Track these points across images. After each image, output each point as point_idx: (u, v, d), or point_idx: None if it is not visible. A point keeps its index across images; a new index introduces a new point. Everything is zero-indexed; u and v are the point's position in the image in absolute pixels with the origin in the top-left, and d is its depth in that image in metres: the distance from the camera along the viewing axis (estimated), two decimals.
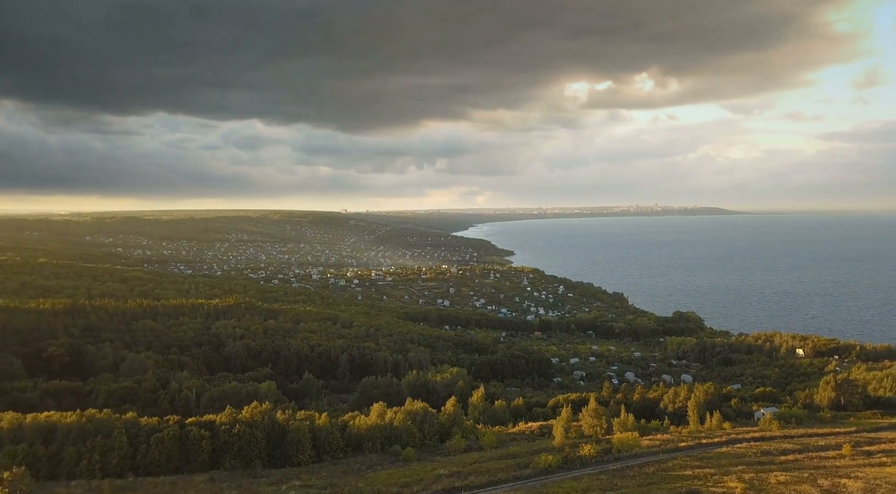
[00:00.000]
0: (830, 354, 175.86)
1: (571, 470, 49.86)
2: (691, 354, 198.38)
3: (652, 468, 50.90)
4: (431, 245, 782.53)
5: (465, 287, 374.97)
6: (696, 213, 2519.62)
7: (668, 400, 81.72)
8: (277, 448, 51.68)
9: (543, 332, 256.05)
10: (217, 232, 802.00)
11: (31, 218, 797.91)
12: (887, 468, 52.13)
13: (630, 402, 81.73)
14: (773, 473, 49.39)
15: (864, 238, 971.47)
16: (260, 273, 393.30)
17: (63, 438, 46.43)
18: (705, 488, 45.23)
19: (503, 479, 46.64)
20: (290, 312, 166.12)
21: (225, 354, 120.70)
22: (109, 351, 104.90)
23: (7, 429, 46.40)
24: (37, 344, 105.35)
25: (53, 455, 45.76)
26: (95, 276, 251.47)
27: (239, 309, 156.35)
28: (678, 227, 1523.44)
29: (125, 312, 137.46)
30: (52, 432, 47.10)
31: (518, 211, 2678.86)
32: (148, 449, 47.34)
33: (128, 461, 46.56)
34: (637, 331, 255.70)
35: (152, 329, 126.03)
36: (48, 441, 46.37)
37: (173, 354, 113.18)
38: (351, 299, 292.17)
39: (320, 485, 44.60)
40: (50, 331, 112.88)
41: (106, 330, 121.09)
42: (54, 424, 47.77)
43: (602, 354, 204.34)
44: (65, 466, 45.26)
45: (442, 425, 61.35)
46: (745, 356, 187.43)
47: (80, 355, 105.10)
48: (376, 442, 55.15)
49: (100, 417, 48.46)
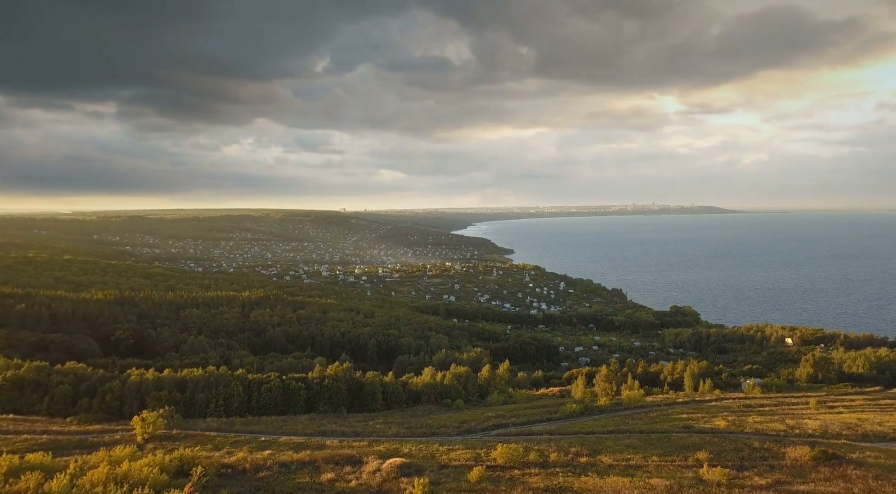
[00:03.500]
0: (817, 342, 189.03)
1: (591, 415, 62.65)
2: (688, 343, 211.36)
3: (655, 413, 63.77)
4: (433, 244, 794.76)
5: (469, 284, 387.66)
6: (693, 212, 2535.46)
7: (667, 372, 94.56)
8: (356, 398, 64.16)
9: (547, 325, 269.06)
10: (221, 231, 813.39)
11: (39, 217, 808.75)
12: (842, 415, 65.19)
13: (635, 374, 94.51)
14: (751, 416, 62.35)
15: (861, 236, 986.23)
16: (271, 270, 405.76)
17: (193, 387, 58.73)
18: (697, 424, 58.09)
19: (538, 419, 59.34)
20: (315, 304, 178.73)
21: (266, 339, 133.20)
22: (169, 335, 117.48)
23: (152, 381, 58.74)
24: (104, 329, 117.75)
25: (187, 400, 58.13)
26: (120, 272, 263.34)
27: (269, 301, 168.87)
28: (675, 226, 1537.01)
29: (170, 302, 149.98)
30: (184, 383, 59.39)
31: (515, 209, 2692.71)
32: (259, 396, 59.69)
33: (244, 405, 58.97)
34: (636, 324, 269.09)
35: (199, 317, 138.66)
36: (182, 390, 58.72)
37: (222, 338, 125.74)
38: (362, 295, 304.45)
39: (397, 422, 57.24)
40: (112, 318, 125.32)
41: (158, 317, 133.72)
42: (185, 377, 60.08)
43: (604, 344, 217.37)
44: (197, 408, 57.63)
45: (480, 386, 73.93)
46: (737, 344, 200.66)
47: (142, 338, 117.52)
48: (431, 396, 67.75)
49: (219, 372, 60.89)
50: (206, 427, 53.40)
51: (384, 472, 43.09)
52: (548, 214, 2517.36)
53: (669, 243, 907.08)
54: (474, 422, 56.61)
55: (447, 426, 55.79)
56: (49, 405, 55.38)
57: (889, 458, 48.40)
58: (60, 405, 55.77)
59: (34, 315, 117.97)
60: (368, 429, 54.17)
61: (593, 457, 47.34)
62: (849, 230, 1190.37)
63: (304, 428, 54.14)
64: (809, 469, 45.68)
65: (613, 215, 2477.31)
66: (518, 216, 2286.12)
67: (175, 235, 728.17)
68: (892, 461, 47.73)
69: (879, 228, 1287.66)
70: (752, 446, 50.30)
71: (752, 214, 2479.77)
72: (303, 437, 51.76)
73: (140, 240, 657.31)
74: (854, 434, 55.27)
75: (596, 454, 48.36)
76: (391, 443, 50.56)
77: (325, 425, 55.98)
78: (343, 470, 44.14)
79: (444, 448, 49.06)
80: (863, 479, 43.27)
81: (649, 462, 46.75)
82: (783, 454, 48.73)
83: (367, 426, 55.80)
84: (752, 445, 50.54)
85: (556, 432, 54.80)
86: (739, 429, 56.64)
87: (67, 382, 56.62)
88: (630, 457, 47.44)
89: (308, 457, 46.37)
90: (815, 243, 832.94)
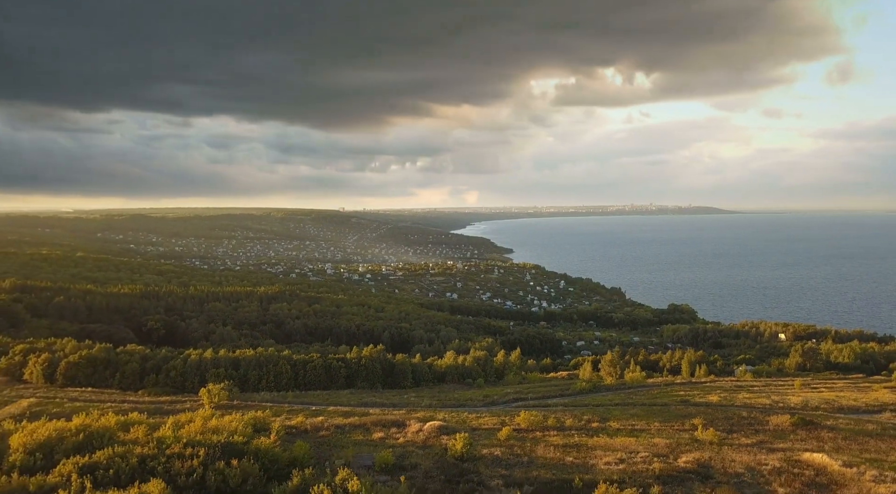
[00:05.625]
0: (808, 338, 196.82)
1: (599, 392, 70.18)
2: (685, 339, 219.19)
3: (656, 391, 71.33)
4: (433, 243, 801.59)
5: (471, 282, 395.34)
6: (691, 212, 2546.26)
7: (665, 360, 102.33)
8: (389, 376, 71.69)
9: (548, 322, 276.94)
10: (223, 229, 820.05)
11: (43, 215, 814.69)
12: (822, 393, 72.82)
13: (636, 361, 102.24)
14: (741, 394, 69.94)
15: (857, 236, 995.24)
16: (277, 268, 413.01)
17: (246, 366, 66.10)
18: (693, 399, 65.63)
19: (552, 394, 66.86)
20: (329, 299, 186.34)
21: (286, 331, 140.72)
22: (197, 325, 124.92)
23: (210, 359, 66.09)
24: (136, 320, 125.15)
25: (241, 376, 65.49)
26: (133, 269, 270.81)
27: (285, 296, 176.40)
28: (673, 225, 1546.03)
29: (193, 296, 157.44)
30: (238, 362, 66.75)
31: (513, 209, 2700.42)
32: (305, 373, 67.07)
33: (292, 381, 66.33)
34: (635, 321, 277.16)
35: (222, 310, 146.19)
36: (236, 368, 66.07)
37: (245, 329, 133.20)
38: (367, 292, 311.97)
39: (428, 396, 64.70)
40: (142, 310, 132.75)
41: (185, 310, 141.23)
42: (238, 357, 67.48)
43: (605, 339, 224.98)
44: (250, 384, 64.99)
45: (497, 368, 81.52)
46: (732, 340, 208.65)
47: (172, 328, 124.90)
48: (454, 376, 75.33)
49: (268, 353, 68.36)
50: (262, 399, 60.70)
51: (426, 431, 50.49)
52: (545, 213, 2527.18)
53: (667, 242, 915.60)
54: (496, 396, 64.07)
55: (473, 400, 63.27)
56: (120, 381, 62.66)
57: (858, 425, 55.96)
58: (130, 380, 63.05)
59: (72, 307, 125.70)
60: (404, 401, 61.59)
61: (603, 423, 54.74)
62: (846, 231, 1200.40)
63: (347, 400, 61.51)
64: (789, 432, 53.16)
65: (611, 215, 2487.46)
66: (516, 216, 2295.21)
67: (178, 233, 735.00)
68: (861, 427, 55.28)
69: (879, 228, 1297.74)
70: (740, 415, 57.85)
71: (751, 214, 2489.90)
72: (348, 407, 59.15)
73: (143, 238, 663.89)
74: (831, 407, 62.84)
75: (605, 421, 55.79)
76: (426, 412, 57.97)
77: (365, 397, 63.40)
78: (390, 431, 51.43)
79: (472, 416, 56.45)
80: (833, 439, 50.71)
81: (652, 427, 54.18)
82: (767, 421, 56.24)
83: (402, 398, 63.23)
84: (741, 415, 58.10)
85: (569, 404, 62.29)
86: (730, 403, 64.17)
87: (135, 360, 63.91)
88: (635, 423, 54.78)
89: (357, 421, 53.70)
90: (812, 243, 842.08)
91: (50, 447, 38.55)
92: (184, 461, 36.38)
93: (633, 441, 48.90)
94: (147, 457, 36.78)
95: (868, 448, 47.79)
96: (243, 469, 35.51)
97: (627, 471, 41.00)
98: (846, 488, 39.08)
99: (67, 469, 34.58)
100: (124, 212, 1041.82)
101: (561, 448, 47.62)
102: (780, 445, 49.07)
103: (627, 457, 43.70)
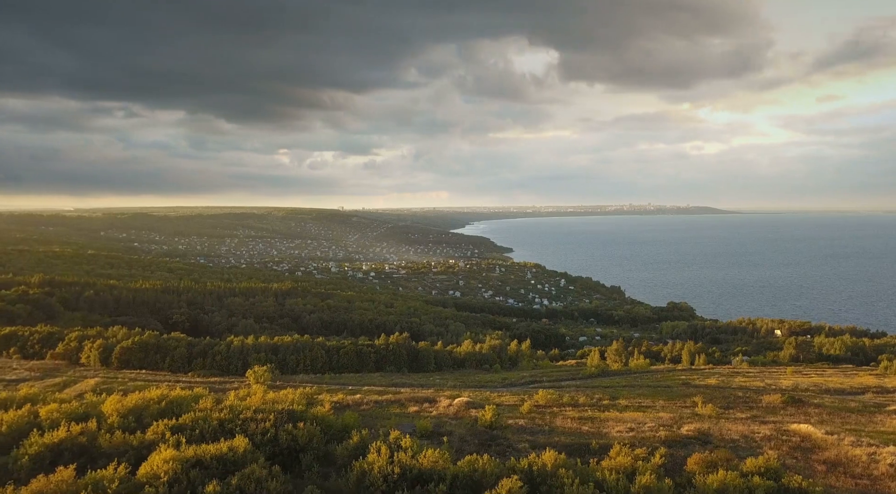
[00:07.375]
0: (803, 333, 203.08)
1: (607, 376, 76.38)
2: (684, 335, 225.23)
3: (660, 376, 77.52)
4: (433, 242, 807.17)
5: (473, 280, 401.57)
6: (689, 212, 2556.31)
7: (667, 351, 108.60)
8: (413, 361, 77.81)
9: (550, 319, 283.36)
10: (225, 228, 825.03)
11: (46, 213, 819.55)
12: (812, 378, 79.07)
13: (640, 350, 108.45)
14: (737, 378, 76.17)
15: (855, 237, 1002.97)
16: (282, 266, 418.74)
17: (284, 351, 72.12)
18: (694, 382, 71.83)
19: (564, 377, 73.00)
20: (340, 295, 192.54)
21: (303, 324, 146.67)
22: (220, 319, 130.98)
23: (251, 345, 72.15)
24: (161, 313, 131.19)
25: (280, 360, 71.50)
26: (144, 266, 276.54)
27: (298, 291, 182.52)
28: (672, 226, 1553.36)
29: (212, 291, 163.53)
30: (277, 348, 72.79)
31: (512, 209, 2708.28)
32: (338, 358, 73.09)
33: (327, 365, 72.36)
34: (635, 318, 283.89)
35: (241, 305, 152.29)
36: (275, 353, 72.12)
37: (265, 323, 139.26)
38: (373, 289, 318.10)
39: (451, 378, 70.83)
40: (167, 304, 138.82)
41: (206, 304, 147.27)
42: (277, 343, 73.51)
43: (606, 335, 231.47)
44: (289, 367, 71.00)
45: (510, 356, 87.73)
46: (730, 335, 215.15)
47: (196, 321, 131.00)
48: (473, 362, 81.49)
49: (303, 340, 74.41)
50: (301, 380, 66.68)
51: (456, 406, 56.55)
52: (544, 213, 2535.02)
53: (666, 242, 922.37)
54: (514, 379, 70.19)
55: (492, 382, 69.40)
56: (170, 364, 68.64)
57: (842, 403, 62.15)
58: (179, 363, 69.02)
59: (101, 301, 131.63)
60: (430, 382, 67.68)
61: (613, 401, 60.84)
62: (844, 231, 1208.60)
63: (378, 381, 67.58)
64: (779, 408, 59.37)
65: (610, 214, 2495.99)
66: (515, 216, 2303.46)
67: (180, 232, 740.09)
68: (844, 405, 61.47)
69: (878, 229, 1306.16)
70: (736, 395, 64.05)
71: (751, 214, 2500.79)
72: (381, 387, 65.19)
73: (146, 237, 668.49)
74: (818, 389, 69.04)
75: (615, 399, 61.92)
76: (452, 391, 64.03)
77: (395, 379, 69.46)
78: (423, 406, 57.45)
79: (494, 395, 62.56)
80: (819, 414, 56.84)
81: (657, 404, 60.32)
82: (760, 399, 62.45)
83: (428, 380, 69.32)
84: (737, 394, 64.33)
85: (581, 386, 68.42)
86: (727, 385, 70.38)
87: (182, 346, 69.93)
88: (642, 401, 60.91)
89: (392, 398, 59.73)
90: (809, 243, 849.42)
91: (138, 412, 44.71)
92: (257, 423, 42.67)
93: (641, 415, 55.05)
94: (225, 421, 43.03)
95: (849, 421, 54.00)
96: (308, 431, 41.76)
97: (637, 438, 47.20)
98: (827, 451, 45.35)
99: (160, 428, 40.82)
100: (126, 211, 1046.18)
101: (577, 419, 53.63)
102: (771, 418, 55.25)
103: (636, 427, 49.82)
